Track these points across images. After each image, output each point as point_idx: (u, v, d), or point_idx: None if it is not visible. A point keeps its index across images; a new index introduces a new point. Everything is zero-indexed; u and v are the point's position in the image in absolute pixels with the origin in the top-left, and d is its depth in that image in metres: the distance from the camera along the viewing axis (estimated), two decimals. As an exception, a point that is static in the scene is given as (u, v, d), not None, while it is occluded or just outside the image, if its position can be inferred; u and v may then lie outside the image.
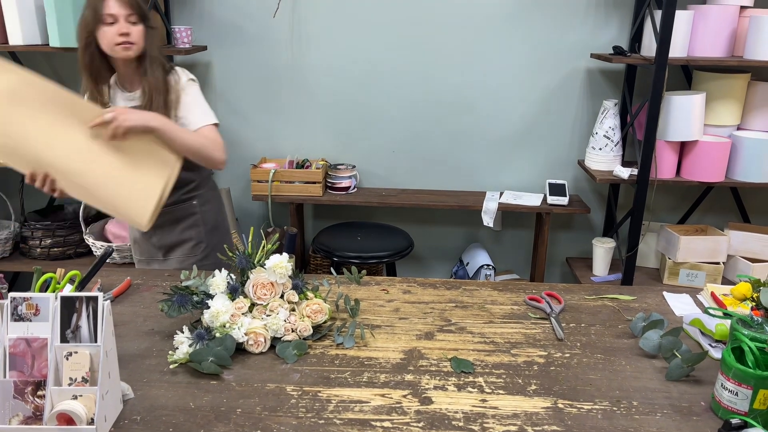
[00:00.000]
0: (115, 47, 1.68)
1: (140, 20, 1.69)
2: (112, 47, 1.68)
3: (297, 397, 1.17)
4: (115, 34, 1.66)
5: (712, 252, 2.60)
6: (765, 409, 1.11)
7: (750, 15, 2.44)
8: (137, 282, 1.68)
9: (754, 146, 2.49)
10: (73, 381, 1.03)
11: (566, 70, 2.81)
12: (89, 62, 1.73)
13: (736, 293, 1.37)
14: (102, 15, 1.64)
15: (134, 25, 1.68)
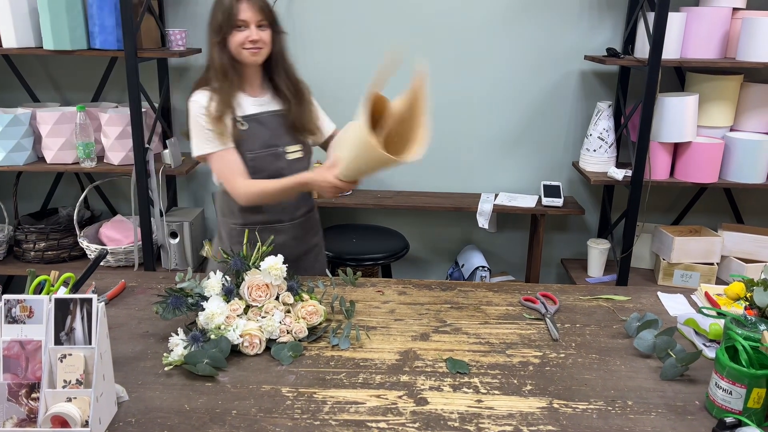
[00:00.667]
0: (243, 52, 1.68)
1: (269, 25, 1.70)
2: (240, 52, 1.68)
3: (292, 399, 1.17)
4: (245, 39, 1.66)
5: (706, 253, 2.61)
6: (759, 407, 1.11)
7: (742, 17, 2.45)
8: (132, 284, 1.67)
9: (747, 147, 2.51)
10: (67, 383, 1.03)
11: (560, 72, 2.82)
12: (225, 65, 1.70)
13: (730, 293, 1.38)
14: (236, 20, 1.65)
15: (263, 30, 1.68)
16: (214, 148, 1.71)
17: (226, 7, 1.66)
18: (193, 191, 3.08)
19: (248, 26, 1.66)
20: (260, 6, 1.67)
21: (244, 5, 1.65)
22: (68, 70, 2.90)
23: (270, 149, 1.77)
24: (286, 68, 1.78)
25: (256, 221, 1.82)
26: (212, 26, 1.71)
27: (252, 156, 1.74)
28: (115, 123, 2.58)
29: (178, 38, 2.61)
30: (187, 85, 2.91)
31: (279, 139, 1.78)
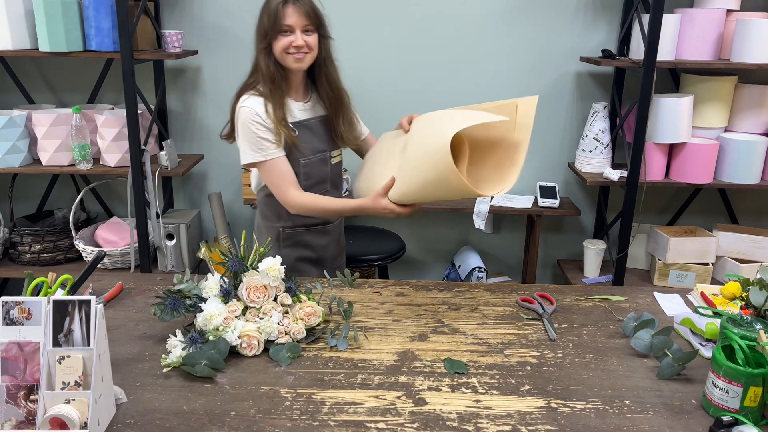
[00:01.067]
0: (288, 57, 1.66)
1: (316, 30, 1.68)
2: (284, 57, 1.67)
3: (291, 400, 1.17)
4: (289, 44, 1.64)
5: (701, 253, 2.63)
6: (755, 406, 1.12)
7: (736, 18, 2.47)
8: (129, 286, 1.67)
9: (741, 148, 2.52)
10: (65, 385, 1.03)
11: (556, 73, 2.83)
12: (271, 71, 1.69)
13: (726, 292, 1.39)
14: (281, 25, 1.63)
15: (309, 35, 1.66)
16: (265, 157, 1.70)
17: (271, 11, 1.64)
18: (190, 193, 3.08)
19: (293, 31, 1.64)
20: (306, 10, 1.64)
21: (290, 9, 1.63)
22: (64, 71, 2.89)
23: (319, 154, 1.79)
24: (329, 74, 1.76)
25: (308, 223, 1.85)
26: (258, 31, 1.69)
27: (304, 162, 1.75)
28: (111, 125, 2.57)
29: (174, 40, 2.61)
30: (184, 87, 2.91)
31: (325, 144, 1.80)
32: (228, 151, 2.99)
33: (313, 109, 1.80)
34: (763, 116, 2.61)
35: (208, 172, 3.03)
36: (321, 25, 1.70)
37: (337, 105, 1.79)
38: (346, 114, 1.82)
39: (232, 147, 2.96)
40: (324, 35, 1.72)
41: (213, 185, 3.04)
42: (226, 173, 3.02)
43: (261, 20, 1.69)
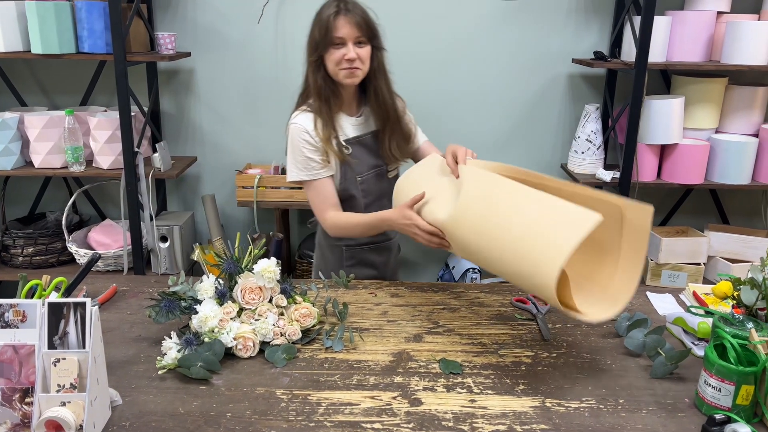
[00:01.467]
0: (340, 72, 1.61)
1: (368, 42, 1.62)
2: (336, 72, 1.62)
3: (287, 401, 1.18)
4: (341, 58, 1.59)
5: (692, 253, 2.65)
6: (748, 404, 1.13)
7: (727, 20, 2.49)
8: (123, 289, 1.67)
9: (731, 149, 2.54)
10: (61, 387, 1.02)
11: (548, 75, 2.84)
12: (322, 85, 1.64)
13: (718, 292, 1.40)
14: (332, 37, 1.57)
15: (362, 46, 1.61)
16: (309, 177, 1.69)
17: (323, 23, 1.58)
18: (183, 195, 3.07)
19: (345, 43, 1.58)
20: (357, 21, 1.58)
21: (342, 20, 1.57)
22: (56, 74, 2.88)
23: (375, 170, 1.75)
24: (379, 88, 1.68)
25: (372, 240, 1.81)
26: (309, 44, 1.64)
27: (361, 179, 1.72)
28: (104, 127, 2.57)
29: (167, 42, 2.61)
30: (177, 89, 2.90)
31: (380, 158, 1.75)
32: (221, 153, 2.99)
33: (366, 124, 1.74)
34: (753, 117, 2.63)
35: (202, 174, 3.03)
36: (374, 37, 1.63)
37: (385, 121, 1.71)
38: (395, 129, 1.73)
39: (224, 149, 2.98)
40: (377, 47, 1.65)
41: (206, 187, 3.04)
42: (220, 175, 3.02)
43: (312, 32, 1.63)
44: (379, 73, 1.67)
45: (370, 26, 1.61)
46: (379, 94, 1.68)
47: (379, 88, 1.68)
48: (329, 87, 1.65)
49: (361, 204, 1.74)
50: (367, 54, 1.62)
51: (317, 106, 1.66)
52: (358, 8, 1.61)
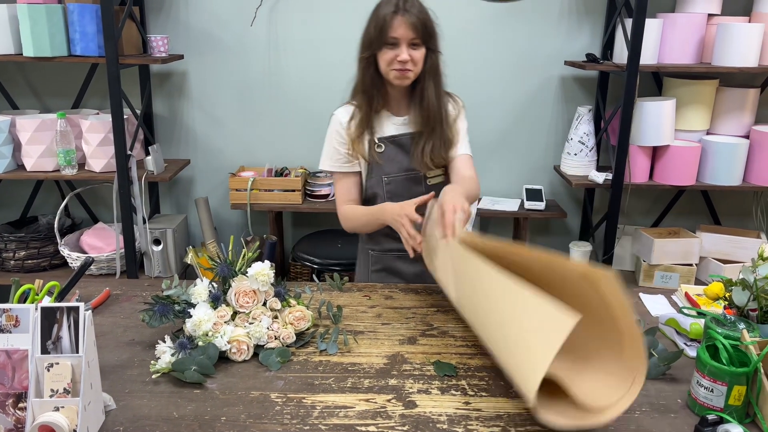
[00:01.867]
0: (391, 73, 1.58)
1: (423, 43, 1.57)
2: (387, 72, 1.59)
3: (281, 404, 1.17)
4: (394, 58, 1.55)
5: (685, 254, 2.66)
6: (740, 404, 1.14)
7: (717, 23, 2.51)
8: (116, 292, 1.66)
9: (722, 150, 2.56)
10: (54, 392, 1.02)
11: (541, 77, 2.85)
12: (369, 83, 1.62)
13: (709, 293, 1.41)
14: (387, 36, 1.54)
15: (416, 48, 1.56)
16: (333, 168, 1.71)
17: (379, 20, 1.55)
18: (176, 198, 3.06)
19: (399, 44, 1.54)
20: (414, 22, 1.53)
21: (398, 20, 1.53)
22: (48, 76, 2.87)
23: (408, 173, 1.69)
24: (428, 90, 1.63)
25: (392, 248, 1.76)
26: (363, 40, 1.61)
27: (387, 180, 1.68)
28: (97, 130, 2.56)
29: (159, 44, 2.60)
30: (170, 92, 2.90)
31: (419, 162, 1.67)
32: (214, 156, 2.98)
33: (411, 125, 1.68)
34: (744, 119, 2.65)
35: (195, 176, 3.02)
36: (430, 38, 1.59)
37: (425, 125, 1.65)
38: (434, 134, 1.66)
39: (217, 152, 2.97)
40: (432, 49, 1.60)
41: (200, 190, 3.03)
42: (213, 178, 3.01)
43: (368, 28, 1.59)
44: (429, 76, 1.62)
45: (426, 28, 1.57)
46: (425, 97, 1.63)
47: (427, 91, 1.63)
48: (376, 85, 1.63)
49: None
50: (420, 56, 1.58)
51: (359, 103, 1.66)
52: (416, 8, 1.55)
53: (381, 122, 1.68)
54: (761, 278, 1.28)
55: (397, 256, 1.77)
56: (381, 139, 1.67)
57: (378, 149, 1.67)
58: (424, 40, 1.57)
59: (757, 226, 2.97)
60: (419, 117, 1.64)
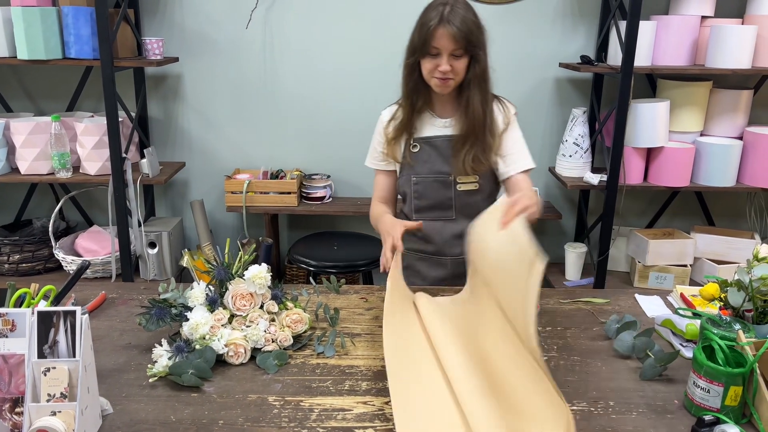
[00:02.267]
0: (432, 80, 1.60)
1: (465, 53, 1.57)
2: (429, 78, 1.61)
3: (279, 407, 1.17)
4: (435, 67, 1.57)
5: (679, 255, 2.67)
6: (736, 405, 1.14)
7: (711, 24, 2.52)
8: (112, 296, 1.66)
9: (716, 152, 2.57)
10: (51, 397, 1.02)
11: (536, 79, 2.86)
12: (413, 88, 1.65)
13: (705, 294, 1.41)
14: (430, 46, 1.55)
15: (458, 59, 1.57)
16: (374, 166, 1.79)
17: (424, 30, 1.55)
18: (172, 200, 3.06)
19: (441, 54, 1.55)
20: (455, 34, 1.52)
21: (441, 32, 1.53)
22: (43, 79, 2.86)
23: (438, 176, 1.69)
24: (473, 98, 1.62)
25: (418, 249, 1.78)
26: (409, 45, 1.63)
27: (416, 180, 1.70)
28: (91, 133, 2.55)
29: (155, 47, 2.60)
30: (165, 94, 2.89)
31: (452, 166, 1.67)
32: (210, 159, 2.98)
33: (450, 128, 1.69)
34: (738, 120, 2.67)
35: (190, 179, 3.02)
36: (473, 48, 1.57)
37: (469, 130, 1.64)
38: (478, 141, 1.64)
39: (213, 154, 2.97)
40: (476, 57, 1.59)
41: (195, 193, 3.03)
42: (208, 181, 3.01)
43: (413, 34, 1.61)
44: (474, 84, 1.61)
45: (469, 38, 1.55)
46: (470, 104, 1.63)
47: (472, 99, 1.62)
48: (420, 89, 1.66)
49: (412, 205, 1.75)
50: (462, 66, 1.58)
51: (402, 105, 1.70)
52: (459, 18, 1.53)
53: (422, 122, 1.71)
54: (756, 279, 1.29)
55: (419, 257, 1.79)
56: (417, 139, 1.70)
57: (413, 149, 1.70)
58: (467, 50, 1.57)
59: (751, 226, 2.98)
60: (464, 123, 1.65)
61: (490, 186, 1.72)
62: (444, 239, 1.73)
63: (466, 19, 1.55)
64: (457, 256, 1.71)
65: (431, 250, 1.75)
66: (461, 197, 1.69)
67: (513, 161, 1.67)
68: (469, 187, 1.69)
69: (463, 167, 1.64)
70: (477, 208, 1.62)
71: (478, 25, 1.59)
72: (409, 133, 1.69)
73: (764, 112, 2.86)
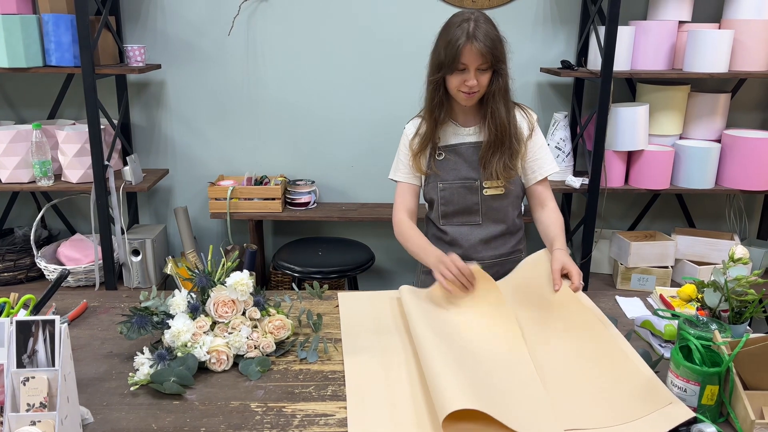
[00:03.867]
0: (459, 94, 1.63)
1: (490, 68, 1.61)
2: (455, 92, 1.64)
3: (261, 414, 1.18)
4: (462, 82, 1.60)
5: (660, 257, 2.70)
6: (713, 404, 1.16)
7: (688, 29, 2.56)
8: (94, 304, 1.65)
9: (695, 154, 2.61)
10: (30, 407, 1.01)
11: (517, 83, 2.83)
12: (437, 104, 1.68)
13: (682, 295, 1.44)
14: (458, 63, 1.58)
15: (483, 73, 1.61)
16: (399, 178, 1.80)
17: (452, 47, 1.57)
18: (155, 208, 3.04)
19: (468, 70, 1.59)
20: (482, 50, 1.56)
21: (468, 48, 1.56)
22: (24, 87, 2.84)
23: (464, 181, 1.73)
24: (495, 109, 1.66)
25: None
26: (433, 61, 1.66)
27: (443, 187, 1.73)
28: (73, 140, 2.54)
29: (136, 54, 2.59)
30: (147, 101, 2.88)
31: (477, 171, 1.72)
32: (193, 165, 2.97)
33: (473, 135, 1.73)
34: (716, 123, 2.71)
35: (174, 186, 3.00)
36: (497, 62, 1.62)
37: (496, 139, 1.68)
38: (504, 148, 1.69)
39: (196, 161, 2.96)
40: (499, 71, 1.63)
41: (179, 200, 3.02)
42: (192, 187, 3.00)
43: (437, 51, 1.64)
44: (498, 96, 1.66)
45: (494, 54, 1.59)
46: (495, 115, 1.67)
47: (497, 110, 1.67)
48: (443, 103, 1.69)
49: (438, 211, 1.77)
50: (487, 78, 1.62)
51: (426, 119, 1.73)
52: (484, 33, 1.57)
53: (446, 132, 1.75)
54: (732, 280, 1.31)
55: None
56: (442, 147, 1.74)
57: (438, 157, 1.73)
58: (492, 64, 1.61)
59: (731, 228, 3.03)
60: (490, 132, 1.68)
61: (516, 190, 1.76)
62: (470, 243, 1.77)
63: (490, 34, 1.59)
64: (483, 260, 1.74)
65: (458, 254, 1.76)
66: (487, 202, 1.74)
67: (539, 166, 1.76)
68: (495, 191, 1.73)
69: (494, 174, 1.69)
70: (503, 212, 1.75)
71: (501, 39, 1.64)
72: (434, 143, 1.73)
73: (741, 115, 2.91)
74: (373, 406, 1.18)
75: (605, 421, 1.14)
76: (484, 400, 1.10)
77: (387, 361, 1.34)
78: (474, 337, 1.40)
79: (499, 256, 1.79)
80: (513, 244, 1.82)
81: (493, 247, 1.77)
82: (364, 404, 1.19)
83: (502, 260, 1.79)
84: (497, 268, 1.74)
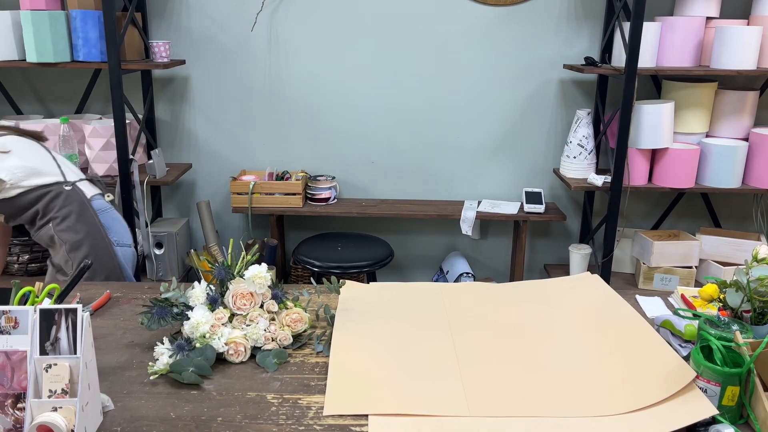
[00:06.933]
0: None
1: None
2: None
3: (277, 405, 1.19)
4: None
5: (684, 256, 2.66)
6: (733, 405, 1.14)
7: (715, 25, 2.52)
8: (117, 295, 1.68)
9: (722, 153, 2.57)
10: (52, 393, 1.03)
11: (540, 80, 2.87)
12: None
13: (704, 294, 1.41)
14: None
15: None
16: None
17: None
18: (179, 201, 3.09)
19: None
20: None
21: None
22: (52, 82, 2.90)
23: None
24: None
25: None
26: None
27: None
28: (99, 135, 2.58)
29: (162, 50, 2.62)
30: (172, 96, 2.92)
31: None
32: (216, 160, 3.01)
33: None
34: (743, 121, 2.65)
35: (197, 180, 3.04)
36: None
37: None
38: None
39: (219, 156, 2.99)
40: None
41: (202, 194, 3.05)
42: (215, 182, 3.03)
43: None
44: None
45: None
46: None
47: None
48: None
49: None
50: None
51: None
52: None
53: None
54: (754, 280, 1.29)
55: None
56: None
57: None
58: None
59: (758, 228, 2.97)
60: None
61: None
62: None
63: None
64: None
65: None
66: None
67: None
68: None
69: None
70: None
71: None
72: None
73: (771, 113, 2.85)
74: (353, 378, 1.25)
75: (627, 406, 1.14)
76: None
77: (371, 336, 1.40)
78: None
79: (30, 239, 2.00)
80: (38, 226, 1.95)
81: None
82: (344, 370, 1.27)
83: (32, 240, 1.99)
84: (37, 246, 1.90)
